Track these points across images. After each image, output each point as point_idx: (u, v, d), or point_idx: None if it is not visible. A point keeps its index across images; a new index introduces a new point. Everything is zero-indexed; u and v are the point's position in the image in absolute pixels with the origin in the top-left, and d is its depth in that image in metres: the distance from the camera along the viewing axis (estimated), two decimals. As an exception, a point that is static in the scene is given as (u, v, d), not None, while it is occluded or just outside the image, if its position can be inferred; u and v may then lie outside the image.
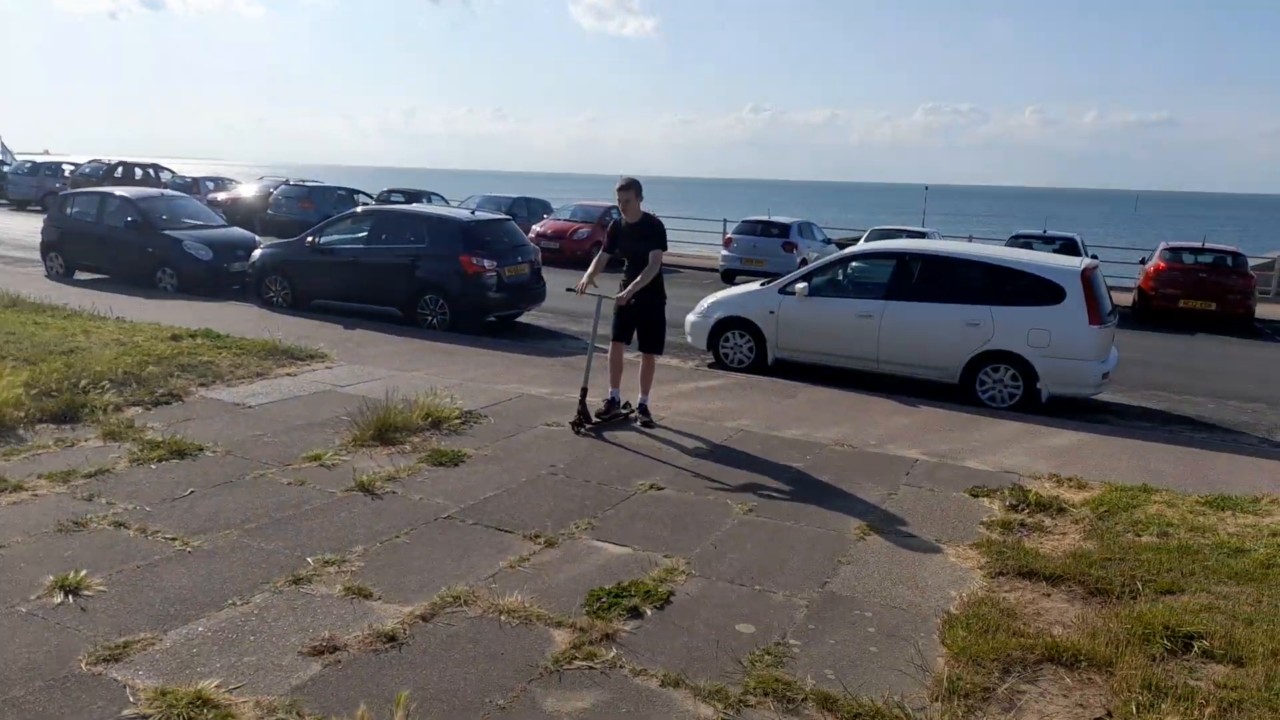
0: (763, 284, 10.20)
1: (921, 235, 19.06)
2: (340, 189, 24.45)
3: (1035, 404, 8.32)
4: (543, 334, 11.99)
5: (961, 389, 8.60)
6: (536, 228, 21.43)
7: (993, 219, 68.79)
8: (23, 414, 6.05)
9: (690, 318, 10.18)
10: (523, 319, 12.59)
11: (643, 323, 6.97)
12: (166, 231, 13.54)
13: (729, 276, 18.74)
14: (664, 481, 5.61)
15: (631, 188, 6.76)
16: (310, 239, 12.16)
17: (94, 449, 5.66)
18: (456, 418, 6.72)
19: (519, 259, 11.78)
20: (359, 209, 14.09)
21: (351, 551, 4.35)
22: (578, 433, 6.56)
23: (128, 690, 3.07)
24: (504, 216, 13.66)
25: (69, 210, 14.56)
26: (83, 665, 3.21)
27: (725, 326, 9.85)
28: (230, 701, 3.03)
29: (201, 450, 5.75)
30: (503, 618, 3.74)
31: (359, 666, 3.33)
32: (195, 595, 3.81)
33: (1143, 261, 17.92)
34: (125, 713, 2.94)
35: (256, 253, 12.83)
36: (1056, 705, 3.26)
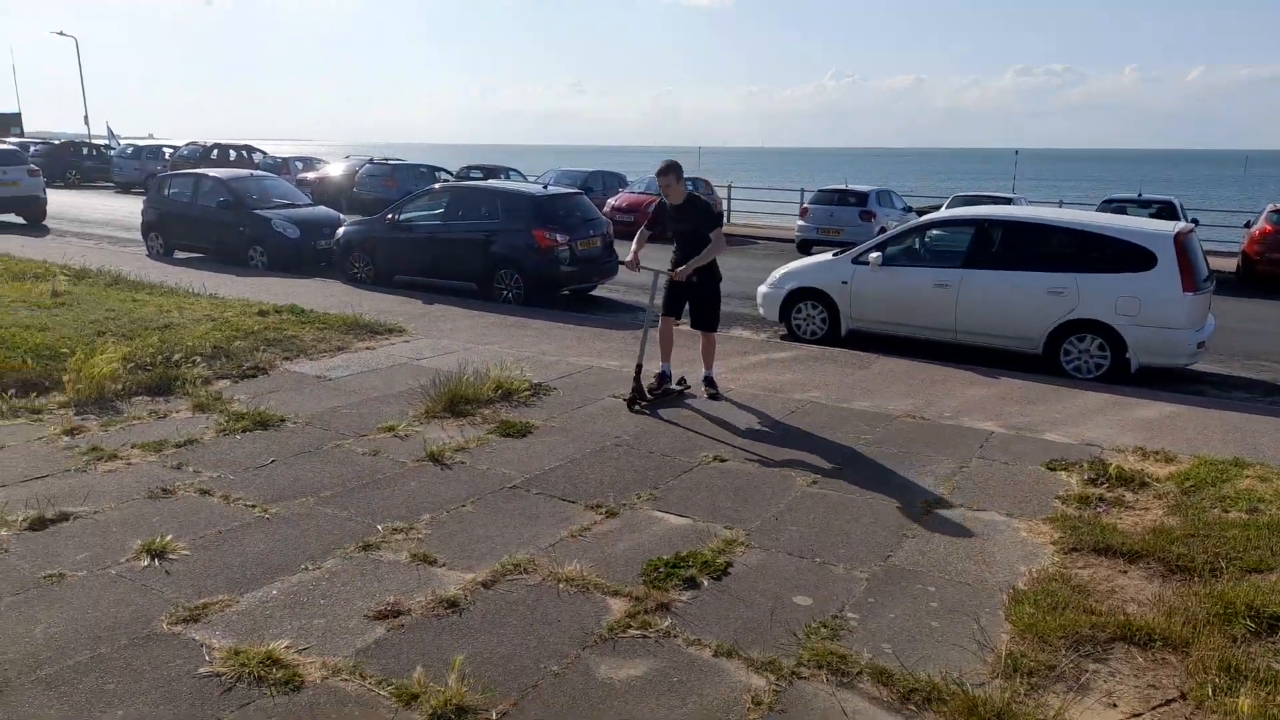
0: (835, 254, 9.99)
1: (1007, 201, 18.34)
2: (422, 166, 24.93)
3: (1124, 375, 7.96)
4: (615, 307, 12.03)
5: (1045, 360, 8.28)
6: (611, 201, 21.45)
7: (1086, 183, 65.68)
8: (120, 387, 6.41)
9: (762, 289, 10.06)
10: (595, 292, 12.67)
11: (696, 299, 6.87)
12: (257, 211, 14.06)
13: (805, 247, 18.41)
14: (727, 453, 5.59)
15: (671, 171, 6.68)
16: (390, 216, 12.47)
17: (184, 420, 5.96)
18: (526, 390, 6.82)
19: (591, 233, 11.83)
20: (436, 186, 14.34)
21: (419, 519, 4.48)
22: (633, 410, 6.49)
23: (204, 649, 3.24)
24: (576, 191, 13.71)
25: (167, 192, 15.25)
26: (164, 625, 3.40)
27: (797, 297, 9.70)
28: (298, 662, 3.17)
29: (283, 421, 5.98)
30: (561, 586, 3.80)
31: (420, 630, 3.43)
32: (271, 560, 3.99)
33: (1247, 225, 16.85)
34: (201, 670, 3.10)
35: (340, 230, 13.23)
36: (1126, 685, 3.13)
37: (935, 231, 9.66)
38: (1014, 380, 7.72)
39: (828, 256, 10.07)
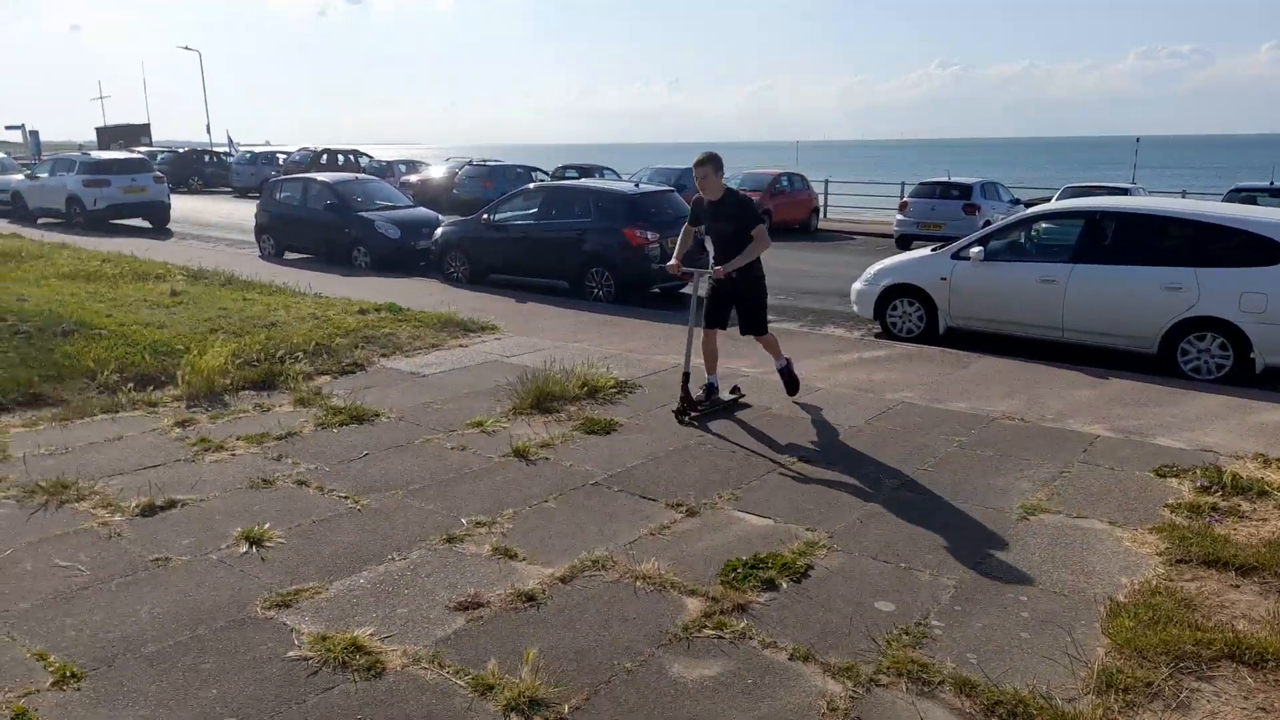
0: (935, 249, 9.68)
1: (1123, 192, 17.40)
2: (518, 167, 25.41)
3: (1248, 376, 7.43)
4: (705, 304, 11.97)
5: (1160, 360, 7.81)
6: (705, 198, 21.39)
7: (1212, 171, 61.68)
8: (228, 381, 6.75)
9: (856, 285, 9.84)
10: (686, 289, 12.63)
11: (740, 303, 6.43)
12: (361, 213, 14.59)
13: (904, 242, 17.92)
14: (813, 454, 5.48)
15: (709, 162, 6.19)
16: (485, 216, 12.75)
17: (286, 414, 6.23)
18: (612, 387, 6.85)
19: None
20: (530, 186, 14.58)
21: (502, 514, 4.55)
22: (681, 421, 6.08)
23: (294, 634, 3.37)
24: (668, 188, 13.70)
25: (278, 196, 16.00)
26: (258, 609, 3.56)
27: (893, 294, 9.44)
28: (381, 649, 3.26)
29: (378, 416, 6.19)
30: (638, 583, 3.79)
31: (498, 623, 3.48)
32: (360, 550, 4.12)
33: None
34: (290, 654, 3.23)
35: (438, 231, 13.60)
36: (1233, 707, 2.92)
37: (1043, 225, 9.25)
38: (1125, 381, 7.31)
39: (926, 252, 9.77)
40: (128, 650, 3.23)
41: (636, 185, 13.48)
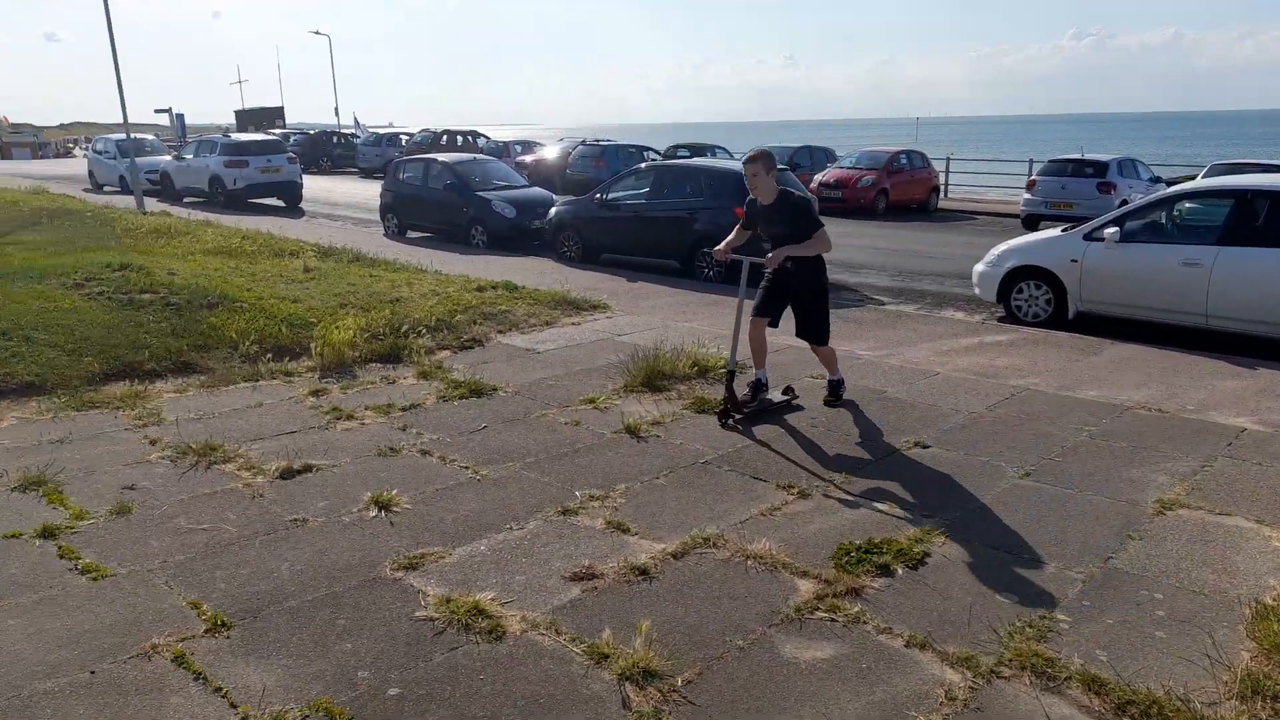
0: (1065, 229, 9.22)
1: (1277, 169, 16.07)
2: (630, 146, 25.51)
3: None
4: (818, 285, 11.78)
5: (1318, 349, 7.23)
6: (819, 177, 20.96)
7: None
8: (357, 354, 7.08)
9: (978, 267, 9.48)
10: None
11: (798, 304, 5.93)
12: (479, 193, 14.99)
13: (1031, 223, 17.12)
14: (930, 439, 5.34)
15: (759, 160, 5.72)
16: (598, 196, 12.88)
17: (409, 386, 6.49)
18: (722, 367, 6.83)
19: (795, 209, 11.63)
20: (641, 165, 14.63)
21: (615, 489, 4.63)
22: (724, 424, 5.59)
23: (420, 595, 3.53)
24: (782, 167, 13.48)
25: (401, 176, 16.59)
26: (387, 570, 3.74)
27: (1019, 276, 9.05)
28: (501, 614, 3.38)
29: (495, 390, 6.38)
30: (749, 563, 3.80)
31: (612, 594, 3.56)
32: (480, 518, 4.28)
33: None
34: (417, 614, 3.39)
35: (552, 210, 13.83)
36: (1400, 728, 2.70)
37: (1186, 204, 8.68)
38: (1276, 372, 6.80)
39: (1055, 232, 9.32)
40: (271, 603, 3.46)
41: (750, 164, 13.35)
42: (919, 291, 11.16)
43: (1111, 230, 8.33)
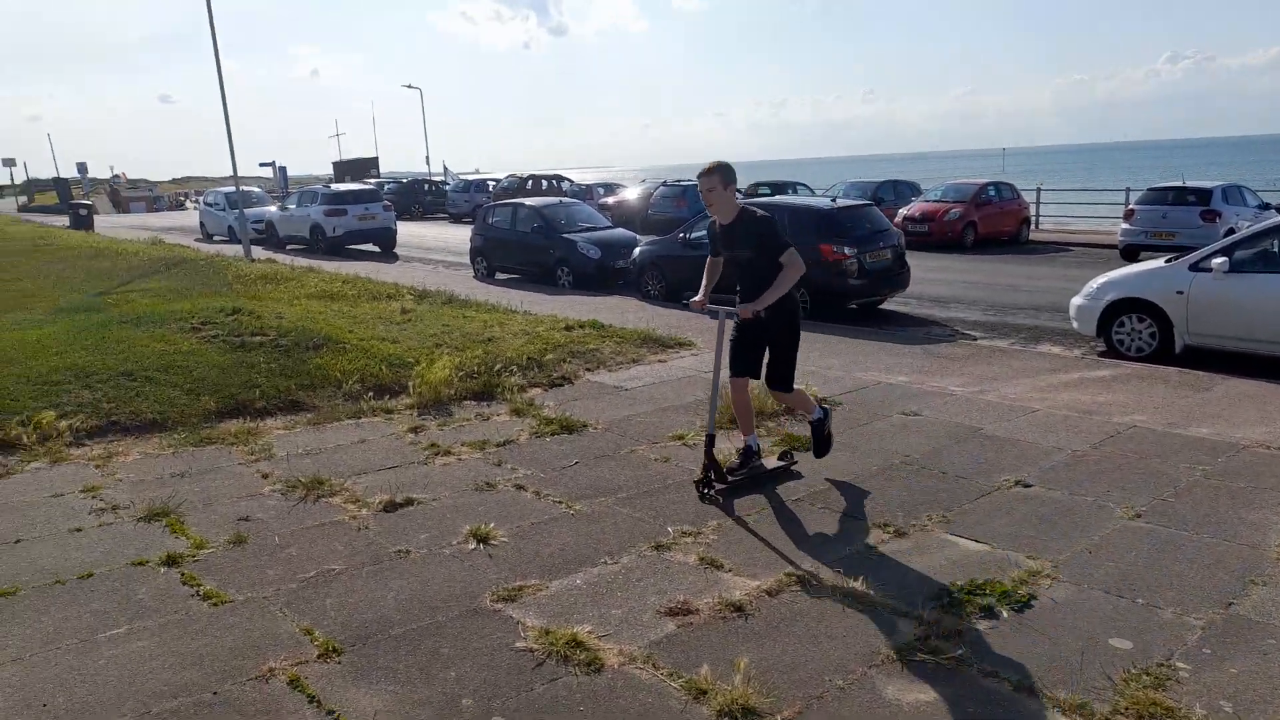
0: (1169, 260, 8.88)
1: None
2: (711, 186, 25.72)
3: None
4: (905, 320, 11.61)
5: None
6: (904, 211, 20.72)
7: None
8: (452, 392, 7.30)
9: (1076, 300, 9.20)
10: (885, 305, 12.30)
11: (773, 346, 5.21)
12: (565, 234, 15.34)
13: (1130, 254, 16.51)
14: (1032, 478, 5.18)
15: (715, 173, 4.99)
16: (680, 235, 13.03)
17: (503, 422, 6.65)
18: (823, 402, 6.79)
19: (880, 245, 11.54)
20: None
21: (706, 525, 4.64)
22: (703, 495, 5.02)
23: (519, 626, 3.61)
24: (865, 203, 13.42)
25: (490, 220, 17.10)
26: (487, 601, 3.83)
27: (1120, 309, 8.75)
28: (599, 647, 3.43)
29: (585, 427, 6.48)
30: (846, 601, 3.75)
31: (708, 630, 3.56)
32: (575, 552, 4.34)
33: None
34: (517, 644, 3.46)
35: (636, 250, 14.04)
36: None
37: (1301, 231, 8.26)
38: None
39: (1158, 263, 8.99)
40: (379, 631, 3.59)
41: (834, 200, 13.30)
42: (1012, 326, 10.87)
43: (1220, 260, 8.00)
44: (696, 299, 5.44)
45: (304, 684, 3.20)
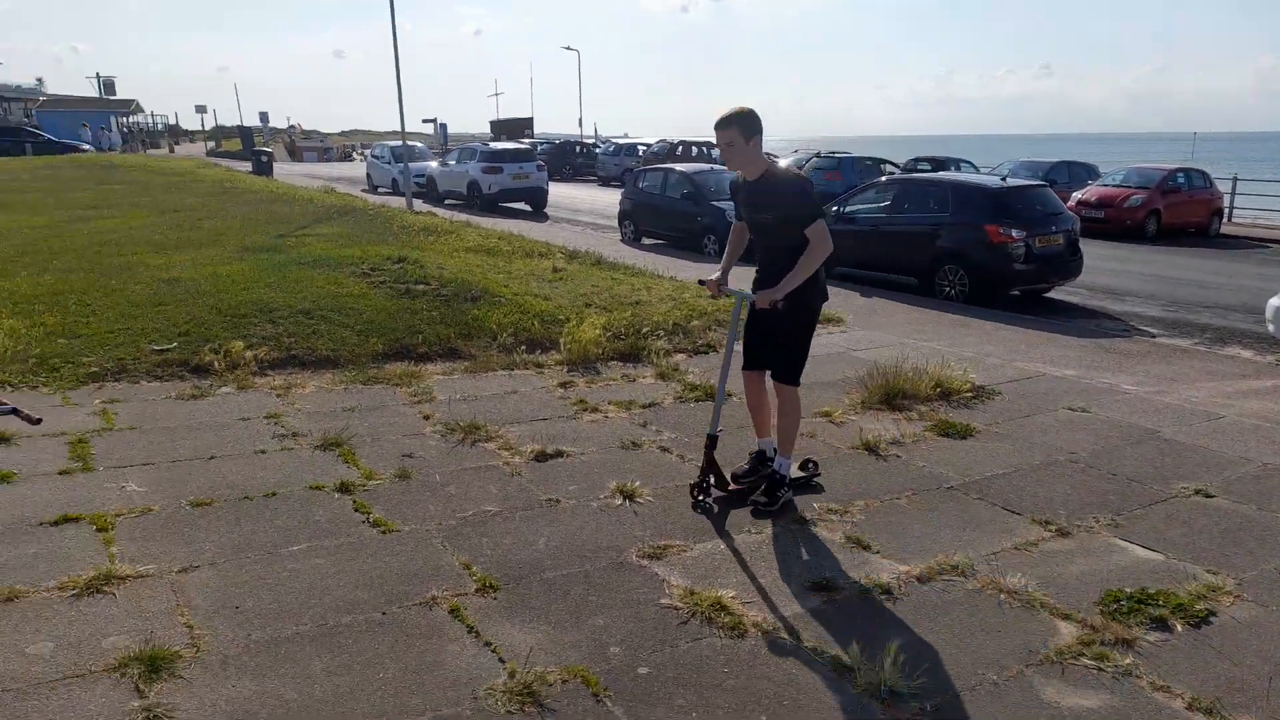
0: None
1: None
2: (867, 159, 24.90)
3: None
4: (1074, 311, 10.93)
5: None
6: (1078, 195, 19.44)
7: None
8: (600, 351, 7.44)
9: (1274, 301, 8.40)
10: (1052, 294, 11.63)
11: (780, 330, 4.49)
12: (714, 202, 15.25)
13: (1338, 253, 14.91)
14: (1214, 488, 4.80)
15: (733, 124, 4.20)
16: (834, 208, 12.70)
17: (648, 385, 6.73)
18: (967, 391, 6.53)
19: (1052, 229, 10.89)
20: (882, 179, 14.25)
21: (853, 504, 4.56)
22: (696, 501, 4.48)
23: (664, 584, 3.67)
24: (1038, 183, 12.68)
25: (640, 184, 17.22)
26: (633, 556, 3.91)
27: (1326, 314, 7.93)
28: (743, 613, 3.44)
29: (730, 396, 6.42)
30: (1002, 596, 3.61)
31: (853, 609, 3.51)
32: (716, 519, 4.36)
33: None
34: (662, 601, 3.53)
35: (787, 222, 13.82)
36: None
37: None
38: None
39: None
40: (531, 573, 3.73)
41: (1004, 180, 12.63)
42: (1196, 325, 10.05)
43: None
44: (712, 278, 4.68)
45: (463, 614, 3.38)
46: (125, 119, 65.45)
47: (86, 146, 43.08)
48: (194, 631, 3.19)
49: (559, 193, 28.60)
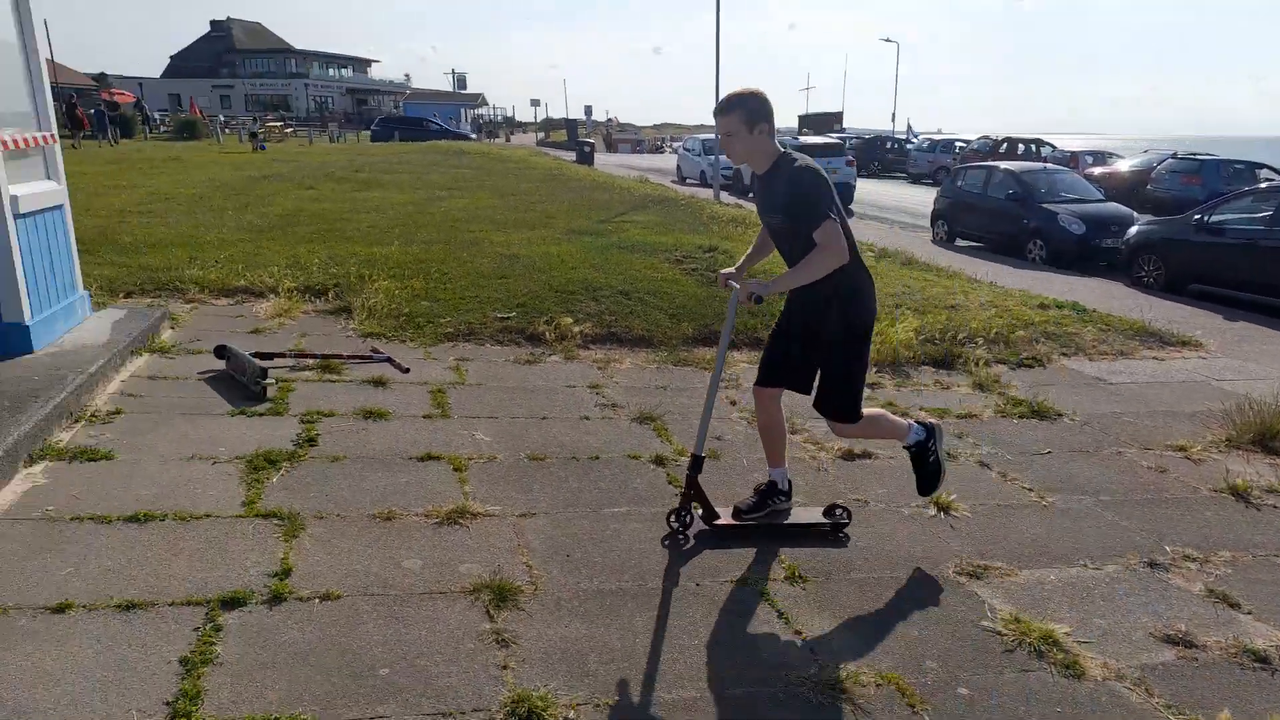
0: None
1: None
2: (1238, 163, 21.56)
3: None
4: None
5: None
6: None
7: None
8: (911, 354, 7.12)
9: None
10: None
11: (818, 359, 3.76)
12: (1044, 204, 14.04)
13: None
14: None
15: (734, 110, 3.53)
16: (1197, 217, 11.15)
17: (964, 394, 6.34)
18: (1373, 440, 5.43)
19: None
20: (1262, 185, 12.25)
21: (1216, 554, 3.97)
22: (671, 531, 3.86)
23: (985, 606, 3.43)
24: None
25: (958, 183, 16.28)
26: (949, 571, 3.70)
27: None
28: (1078, 652, 3.12)
29: (1060, 416, 5.91)
30: None
31: (1218, 672, 3.05)
32: (1047, 546, 4.00)
33: None
34: (984, 624, 3.30)
35: (1132, 230, 12.37)
36: None
37: None
38: None
39: None
40: (840, 570, 3.66)
41: None
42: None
43: None
44: (727, 269, 4.10)
45: (771, 598, 3.39)
46: (472, 111, 73.68)
47: (472, 136, 49.10)
48: (533, 571, 3.50)
49: (865, 189, 27.84)
